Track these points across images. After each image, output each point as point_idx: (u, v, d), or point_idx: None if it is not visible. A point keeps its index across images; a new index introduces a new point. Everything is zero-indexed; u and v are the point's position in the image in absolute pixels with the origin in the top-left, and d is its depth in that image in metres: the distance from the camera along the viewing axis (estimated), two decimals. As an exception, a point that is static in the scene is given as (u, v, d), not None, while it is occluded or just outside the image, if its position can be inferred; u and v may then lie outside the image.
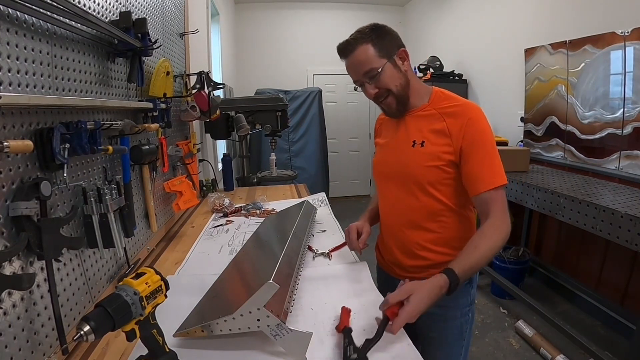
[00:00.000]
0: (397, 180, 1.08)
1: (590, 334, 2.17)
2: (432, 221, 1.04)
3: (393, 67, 1.01)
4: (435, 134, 1.00)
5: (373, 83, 1.01)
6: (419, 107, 1.06)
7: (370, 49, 0.99)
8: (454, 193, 1.02)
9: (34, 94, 0.74)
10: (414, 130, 1.05)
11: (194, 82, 1.80)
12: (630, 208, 1.64)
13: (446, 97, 1.04)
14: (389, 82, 1.01)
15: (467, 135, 0.96)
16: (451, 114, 1.00)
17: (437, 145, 1.00)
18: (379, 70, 0.99)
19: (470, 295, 1.10)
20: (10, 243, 0.66)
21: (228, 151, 3.20)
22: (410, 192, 1.05)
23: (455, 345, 1.10)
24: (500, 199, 0.95)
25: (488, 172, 0.95)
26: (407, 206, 1.07)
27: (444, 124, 1.00)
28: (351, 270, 1.14)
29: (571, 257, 2.65)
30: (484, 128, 0.98)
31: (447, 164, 0.99)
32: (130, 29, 1.11)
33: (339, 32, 4.89)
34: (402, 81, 1.02)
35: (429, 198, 1.02)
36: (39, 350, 0.71)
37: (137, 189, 1.30)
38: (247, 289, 0.86)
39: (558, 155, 2.69)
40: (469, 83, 3.90)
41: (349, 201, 5.45)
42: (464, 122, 0.97)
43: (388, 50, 1.00)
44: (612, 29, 2.18)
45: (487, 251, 0.90)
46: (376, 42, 0.99)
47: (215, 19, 3.56)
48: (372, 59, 0.99)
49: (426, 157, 1.01)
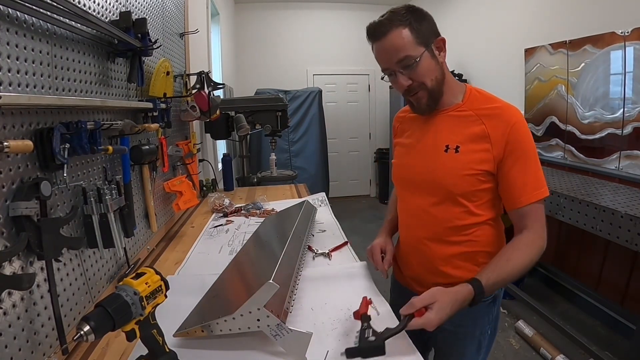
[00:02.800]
0: (424, 188, 0.96)
1: (590, 334, 2.17)
2: (460, 235, 0.94)
3: (430, 58, 0.88)
4: (472, 139, 0.89)
5: (407, 74, 0.88)
6: (452, 106, 0.94)
7: (407, 33, 0.85)
8: (487, 205, 0.92)
9: (34, 94, 0.74)
10: (446, 133, 0.93)
11: (194, 82, 1.80)
12: (630, 208, 1.64)
13: (484, 97, 0.93)
14: (425, 74, 0.88)
15: (510, 142, 0.86)
16: (492, 116, 0.89)
17: (474, 152, 0.89)
18: (417, 59, 0.86)
19: (491, 315, 1.00)
20: (10, 243, 0.66)
21: (228, 151, 3.20)
22: (438, 203, 0.94)
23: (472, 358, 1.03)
24: (541, 212, 0.87)
25: (532, 183, 0.86)
26: (433, 218, 0.96)
27: (484, 127, 0.88)
28: (351, 270, 1.14)
29: (571, 257, 2.65)
30: (528, 134, 0.88)
31: (483, 173, 0.89)
32: (130, 29, 1.11)
33: (339, 32, 4.88)
34: (439, 74, 0.90)
35: (460, 210, 0.92)
36: (39, 350, 0.71)
37: (137, 189, 1.30)
38: (247, 289, 0.86)
39: (558, 155, 2.69)
40: (469, 83, 3.89)
41: (349, 201, 5.45)
42: (508, 127, 0.86)
43: (426, 37, 0.87)
44: (612, 29, 2.18)
45: (518, 265, 0.84)
46: (414, 26, 0.86)
47: (215, 19, 3.56)
48: (409, 45, 0.86)
49: (461, 164, 0.89)
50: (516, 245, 0.86)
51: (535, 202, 0.86)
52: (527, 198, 0.86)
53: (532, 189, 0.86)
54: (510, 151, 0.86)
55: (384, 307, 0.93)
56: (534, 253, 0.85)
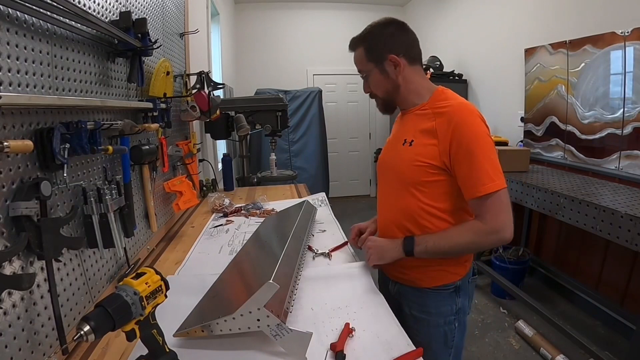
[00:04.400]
0: (388, 177, 1.10)
1: (590, 334, 2.17)
2: (412, 222, 1.03)
3: (380, 73, 1.04)
4: (423, 133, 0.99)
5: (366, 83, 1.09)
6: (417, 106, 1.05)
7: (361, 52, 1.05)
8: (441, 198, 0.99)
9: (34, 94, 0.74)
10: (407, 129, 1.05)
11: (194, 82, 1.80)
12: (630, 208, 1.64)
13: (444, 96, 1.02)
14: (375, 86, 1.07)
15: (454, 139, 0.93)
16: (442, 113, 0.97)
17: (423, 146, 0.98)
18: (366, 74, 1.07)
19: (454, 304, 1.06)
20: (10, 243, 0.66)
21: (228, 151, 3.20)
22: (396, 191, 1.06)
23: (440, 352, 1.08)
24: (491, 204, 0.91)
25: (478, 178, 0.91)
26: (392, 204, 1.08)
27: (433, 124, 0.97)
28: (351, 270, 1.14)
29: (571, 257, 2.65)
30: (474, 131, 0.93)
31: (431, 166, 0.97)
32: (130, 29, 1.11)
33: (339, 32, 4.90)
34: (389, 87, 1.05)
35: (411, 198, 1.01)
36: (39, 350, 0.71)
37: (137, 189, 1.30)
38: (247, 289, 0.86)
39: (558, 155, 2.69)
40: (469, 83, 3.90)
41: (349, 201, 5.45)
42: (452, 125, 0.93)
43: (377, 56, 1.03)
44: (612, 29, 2.18)
45: (454, 245, 0.96)
46: (368, 46, 1.04)
47: (215, 19, 3.56)
48: (362, 61, 1.06)
49: (412, 155, 1.00)
50: (459, 227, 0.98)
51: (483, 196, 0.91)
52: (471, 192, 0.93)
53: (480, 183, 0.91)
54: (455, 148, 0.93)
55: (383, 309, 0.94)
56: (475, 241, 0.95)
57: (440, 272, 1.04)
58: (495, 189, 0.90)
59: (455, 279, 1.05)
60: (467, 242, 0.96)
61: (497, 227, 0.92)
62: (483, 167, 0.91)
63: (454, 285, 1.05)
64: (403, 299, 1.10)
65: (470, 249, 1.02)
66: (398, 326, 0.86)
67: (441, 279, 1.04)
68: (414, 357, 0.76)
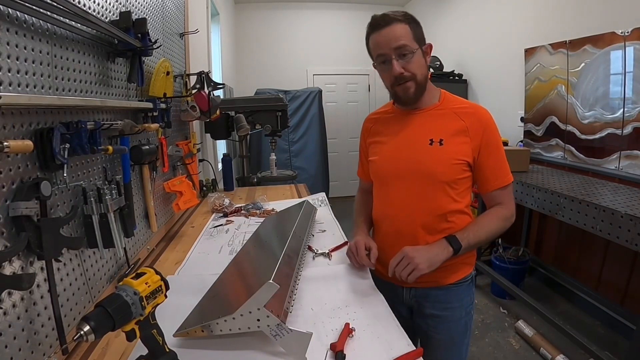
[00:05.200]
0: (411, 179, 1.05)
1: (590, 334, 2.17)
2: (443, 222, 1.05)
3: (422, 56, 1.03)
4: (453, 133, 1.03)
5: (402, 63, 0.99)
6: (430, 106, 1.07)
7: (407, 29, 1.00)
8: (464, 193, 1.06)
9: (34, 94, 0.74)
10: (428, 128, 1.05)
11: (194, 82, 1.79)
12: (630, 208, 1.64)
13: (455, 99, 1.09)
14: (416, 67, 1.01)
15: (485, 136, 1.02)
16: (469, 114, 1.04)
17: (457, 144, 1.02)
18: (413, 51, 0.99)
19: (472, 294, 1.14)
20: (10, 243, 0.66)
21: (228, 151, 3.20)
22: (424, 192, 1.04)
23: (461, 344, 1.13)
24: (510, 194, 1.07)
25: (502, 171, 1.04)
26: (418, 206, 1.05)
27: (464, 123, 1.03)
28: (351, 270, 1.14)
29: (571, 257, 2.65)
30: (497, 131, 1.06)
31: (465, 163, 1.03)
32: (130, 29, 1.11)
33: (339, 32, 4.88)
34: (426, 72, 1.05)
35: (444, 197, 1.03)
36: (39, 350, 0.71)
37: (137, 189, 1.30)
38: (247, 289, 0.86)
39: (558, 155, 2.69)
40: (469, 83, 3.90)
41: (349, 201, 5.40)
42: (483, 124, 1.02)
43: (420, 38, 1.03)
44: (612, 29, 2.18)
45: (489, 232, 1.03)
46: (413, 26, 1.01)
47: (215, 19, 3.56)
48: (408, 38, 0.99)
49: (447, 155, 1.02)
50: (488, 216, 1.06)
51: (506, 186, 1.06)
52: (497, 183, 1.05)
53: (504, 175, 1.05)
54: (486, 144, 1.02)
55: (383, 309, 0.94)
56: (503, 222, 1.05)
57: (460, 266, 1.09)
58: (512, 179, 1.06)
59: (471, 270, 1.12)
60: (498, 228, 1.04)
61: (513, 211, 1.07)
62: (505, 161, 1.05)
63: (471, 275, 1.13)
64: (423, 301, 1.11)
65: (498, 234, 1.07)
66: (398, 326, 0.86)
67: (463, 272, 1.10)
68: (414, 357, 0.76)
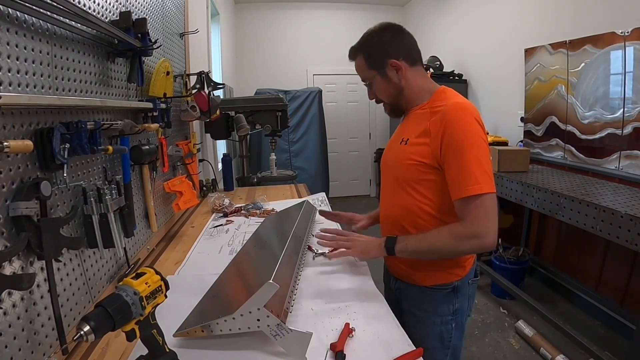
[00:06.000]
0: (388, 175, 1.12)
1: (590, 334, 2.17)
2: (409, 221, 1.04)
3: (382, 80, 1.05)
4: (418, 133, 1.00)
5: (369, 90, 1.10)
6: (417, 106, 1.06)
7: (361, 61, 1.07)
8: (435, 196, 0.98)
9: (34, 94, 0.74)
10: (406, 128, 1.07)
11: (194, 82, 1.79)
12: (630, 208, 1.64)
13: (443, 96, 1.01)
14: (379, 92, 1.08)
15: (445, 138, 0.92)
16: (436, 113, 0.96)
17: (416, 145, 0.99)
18: (370, 81, 1.07)
19: (452, 305, 1.05)
20: (10, 243, 0.65)
21: (228, 151, 3.20)
22: (394, 189, 1.07)
23: (437, 352, 1.07)
24: (474, 207, 0.88)
25: (463, 179, 0.89)
26: (391, 202, 1.09)
27: (428, 123, 0.97)
28: (351, 270, 1.14)
29: (571, 257, 2.65)
30: (465, 130, 0.91)
31: (422, 164, 0.97)
32: (130, 29, 1.11)
33: (339, 32, 4.89)
34: (393, 92, 1.06)
35: (407, 196, 1.02)
36: (39, 350, 0.71)
37: (137, 189, 1.30)
38: (247, 289, 0.86)
39: (558, 155, 2.69)
40: (469, 83, 3.90)
41: (349, 201, 5.44)
42: (444, 123, 0.92)
43: (377, 63, 1.04)
44: (612, 29, 2.18)
45: (432, 247, 0.95)
46: (367, 54, 1.05)
47: (215, 19, 3.56)
48: (363, 70, 1.07)
49: (406, 154, 1.02)
50: (439, 230, 0.96)
51: (468, 197, 0.88)
52: (459, 192, 0.90)
53: (465, 184, 0.89)
54: (445, 147, 0.92)
55: (383, 309, 0.94)
56: (454, 241, 0.92)
57: (440, 272, 1.04)
58: (479, 192, 0.88)
59: (453, 279, 1.04)
60: (445, 245, 0.94)
61: (476, 231, 0.89)
62: (470, 168, 0.89)
63: (452, 285, 1.04)
64: (402, 295, 1.12)
65: (450, 252, 0.97)
66: (398, 326, 0.86)
67: (439, 279, 1.05)
68: (414, 357, 0.76)
